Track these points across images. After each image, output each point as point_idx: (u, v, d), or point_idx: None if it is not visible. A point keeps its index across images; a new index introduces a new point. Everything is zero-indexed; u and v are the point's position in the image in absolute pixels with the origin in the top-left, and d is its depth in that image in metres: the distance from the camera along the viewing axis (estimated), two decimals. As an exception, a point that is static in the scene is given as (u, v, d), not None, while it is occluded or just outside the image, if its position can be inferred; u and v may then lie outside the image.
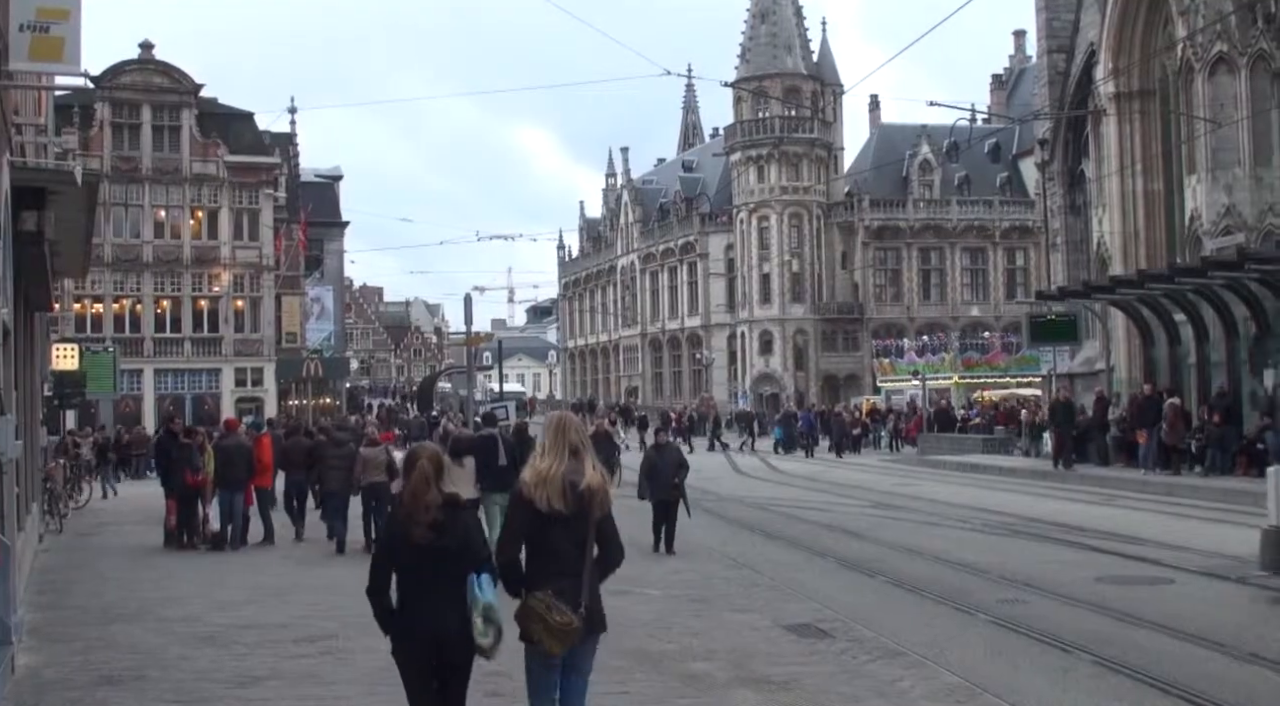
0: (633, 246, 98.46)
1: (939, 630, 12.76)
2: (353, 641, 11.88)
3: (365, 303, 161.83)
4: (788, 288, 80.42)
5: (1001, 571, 16.52)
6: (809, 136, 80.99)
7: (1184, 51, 34.96)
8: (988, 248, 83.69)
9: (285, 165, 58.92)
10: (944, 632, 12.64)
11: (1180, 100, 36.62)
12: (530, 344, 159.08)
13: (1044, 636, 12.24)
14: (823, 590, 13.91)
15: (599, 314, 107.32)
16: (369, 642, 11.89)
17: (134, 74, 51.86)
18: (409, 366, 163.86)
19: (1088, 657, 11.30)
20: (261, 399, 52.71)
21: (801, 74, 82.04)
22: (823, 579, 14.85)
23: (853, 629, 12.38)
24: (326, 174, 69.82)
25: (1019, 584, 15.71)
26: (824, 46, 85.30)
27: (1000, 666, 11.01)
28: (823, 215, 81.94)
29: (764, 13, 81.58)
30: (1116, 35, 39.36)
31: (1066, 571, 16.85)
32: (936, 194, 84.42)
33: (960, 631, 12.79)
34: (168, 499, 21.33)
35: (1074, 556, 18.20)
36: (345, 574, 16.13)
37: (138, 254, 51.61)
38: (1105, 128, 40.36)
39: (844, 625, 12.56)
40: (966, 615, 13.67)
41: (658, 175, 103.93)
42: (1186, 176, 36.22)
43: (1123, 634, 12.48)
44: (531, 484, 6.50)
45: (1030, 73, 70.68)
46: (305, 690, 9.30)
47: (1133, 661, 11.00)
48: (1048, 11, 45.37)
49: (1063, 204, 44.99)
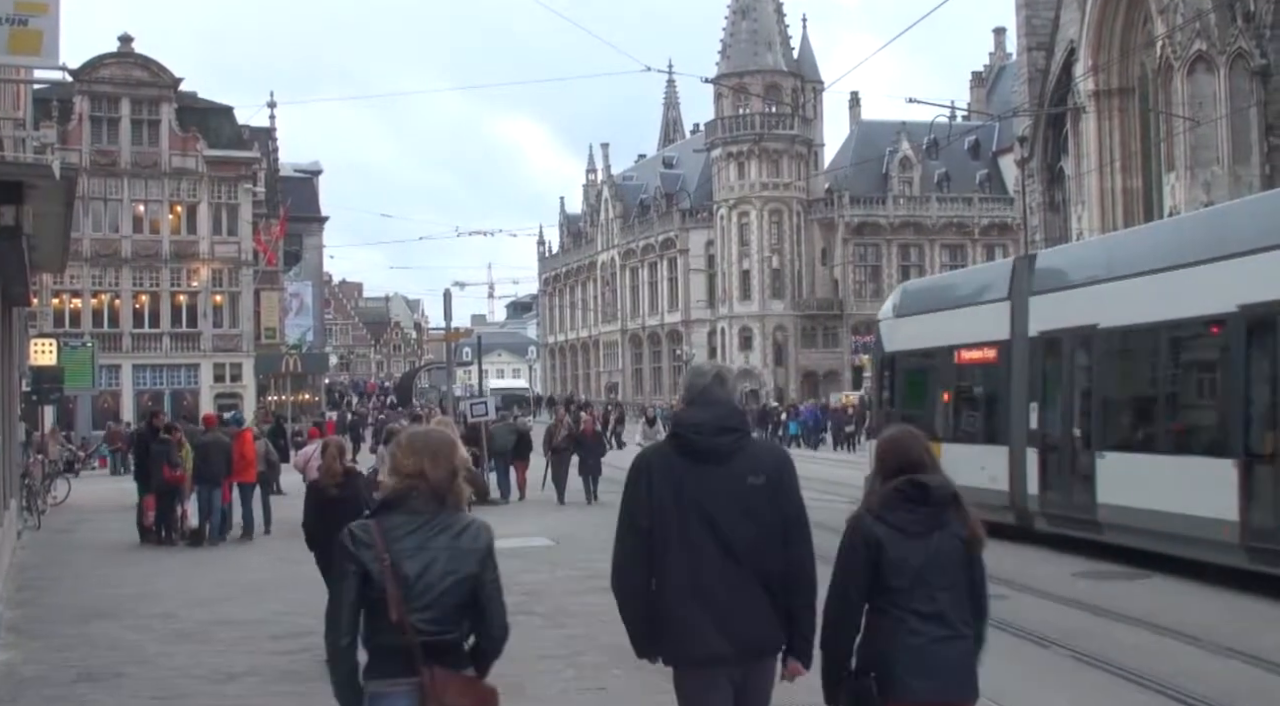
0: (613, 242, 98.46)
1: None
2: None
3: (345, 298, 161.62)
4: (768, 284, 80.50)
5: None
6: (789, 133, 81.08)
7: (1163, 50, 35.13)
8: (967, 244, 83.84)
9: (264, 160, 58.72)
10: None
11: (1159, 98, 36.80)
12: (510, 340, 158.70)
13: (1022, 632, 12.27)
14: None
15: (579, 310, 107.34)
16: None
17: (113, 67, 51.56)
18: (389, 362, 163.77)
19: (1066, 653, 11.36)
20: (240, 394, 52.49)
21: (782, 71, 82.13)
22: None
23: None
24: (306, 168, 69.55)
25: (999, 580, 15.67)
26: (804, 43, 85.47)
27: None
28: (803, 211, 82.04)
29: (745, 9, 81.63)
30: (1096, 33, 39.55)
31: (1046, 567, 16.93)
32: (916, 191, 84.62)
33: (939, 627, 12.81)
34: (145, 495, 21.28)
35: (1053, 552, 18.26)
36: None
37: (116, 249, 51.35)
38: (1084, 125, 40.56)
39: (823, 621, 12.56)
40: (945, 611, 13.68)
41: (638, 171, 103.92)
42: (1165, 174, 36.41)
43: (1101, 629, 12.55)
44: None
45: (1010, 70, 70.92)
46: (283, 687, 9.31)
47: (1110, 656, 11.05)
48: (1028, 9, 45.57)
49: (1042, 201, 45.18)
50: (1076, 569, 16.66)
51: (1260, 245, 14.39)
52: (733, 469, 5.30)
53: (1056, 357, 18.67)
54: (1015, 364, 19.42)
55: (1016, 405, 19.22)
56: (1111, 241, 23.86)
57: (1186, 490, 15.16)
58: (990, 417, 20.45)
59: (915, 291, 26.08)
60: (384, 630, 4.56)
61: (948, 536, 5.24)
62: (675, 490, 5.28)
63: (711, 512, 5.25)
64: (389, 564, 4.55)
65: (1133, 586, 15.43)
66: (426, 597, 4.56)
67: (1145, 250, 17.74)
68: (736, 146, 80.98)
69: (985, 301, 20.76)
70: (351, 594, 4.59)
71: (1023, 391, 19.16)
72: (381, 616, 4.56)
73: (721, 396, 5.49)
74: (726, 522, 5.26)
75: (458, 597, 4.64)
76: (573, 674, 10.32)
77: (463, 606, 4.67)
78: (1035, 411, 18.82)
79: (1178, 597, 14.49)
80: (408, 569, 4.56)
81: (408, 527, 4.63)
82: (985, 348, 20.48)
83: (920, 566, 5.19)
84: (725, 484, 5.28)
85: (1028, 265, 20.08)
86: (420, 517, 4.65)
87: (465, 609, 4.68)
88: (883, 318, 25.27)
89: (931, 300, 23.93)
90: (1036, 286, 19.15)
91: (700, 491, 5.26)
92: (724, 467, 5.30)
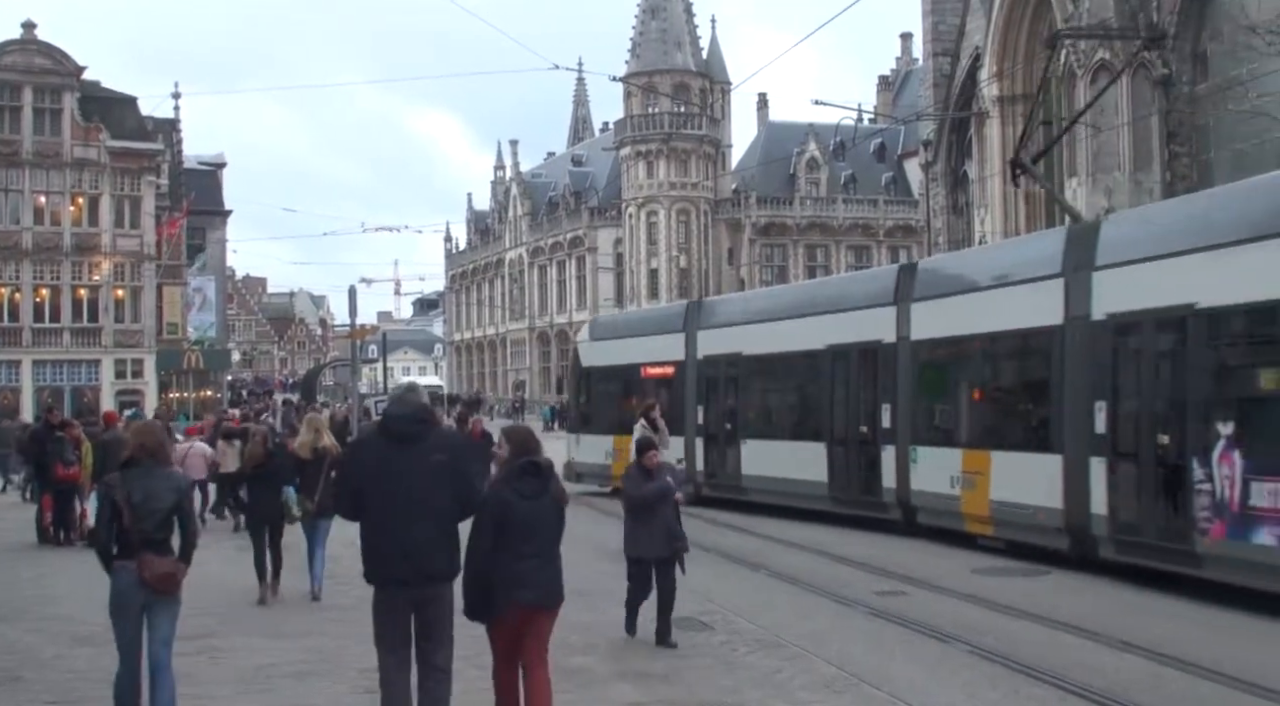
0: (521, 240, 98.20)
1: (818, 622, 12.97)
2: (228, 639, 11.86)
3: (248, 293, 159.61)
4: (675, 283, 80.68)
5: (882, 564, 16.80)
6: (698, 133, 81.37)
7: (1067, 57, 35.67)
8: (872, 246, 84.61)
9: (168, 151, 57.81)
10: (823, 625, 12.84)
11: (1062, 105, 37.39)
12: (416, 337, 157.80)
13: (921, 627, 12.49)
14: (705, 583, 14.00)
15: (486, 307, 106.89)
16: (243, 641, 11.88)
17: (15, 55, 50.48)
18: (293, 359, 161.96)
19: (963, 647, 11.56)
20: (142, 391, 51.66)
21: (691, 71, 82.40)
22: (705, 572, 14.94)
23: (733, 621, 12.53)
24: (210, 161, 68.51)
25: (898, 576, 15.99)
26: (713, 44, 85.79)
27: (878, 657, 11.21)
28: (710, 211, 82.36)
29: (654, 9, 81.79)
30: (1001, 40, 40.10)
31: (944, 563, 17.20)
32: (823, 192, 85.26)
33: (839, 623, 13.01)
34: (42, 494, 20.91)
35: (951, 549, 18.54)
36: (222, 570, 15.96)
37: (16, 241, 50.24)
38: (988, 130, 41.11)
39: (725, 618, 12.70)
40: (846, 607, 13.90)
41: (547, 169, 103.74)
42: (1067, 179, 36.94)
43: (997, 624, 12.78)
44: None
45: (916, 75, 71.74)
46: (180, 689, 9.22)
47: (1006, 651, 11.27)
48: (934, 15, 46.08)
49: (946, 204, 45.74)
50: (976, 565, 16.93)
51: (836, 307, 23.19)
52: (422, 449, 7.56)
53: (713, 374, 26.35)
54: (689, 377, 26.82)
55: (690, 408, 26.57)
56: (750, 296, 40.92)
57: (799, 464, 22.96)
58: (674, 416, 24.96)
59: (606, 323, 36.67)
60: (122, 532, 8.23)
61: (549, 499, 7.93)
62: (381, 461, 7.56)
63: (405, 478, 7.46)
64: (126, 496, 8.22)
65: (1030, 582, 15.71)
66: (145, 514, 8.24)
67: (771, 304, 27.36)
68: (645, 146, 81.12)
69: (667, 332, 28.06)
70: (106, 514, 8.28)
71: (694, 398, 26.63)
72: (120, 525, 8.23)
73: (413, 400, 7.86)
74: (416, 486, 7.46)
75: (165, 515, 8.35)
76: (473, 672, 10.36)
77: (168, 521, 8.39)
78: (701, 412, 26.48)
79: (1074, 593, 14.76)
80: (135, 498, 8.23)
81: (139, 475, 8.35)
82: (666, 366, 27.67)
83: (532, 519, 7.79)
84: (416, 459, 7.51)
85: (696, 307, 28.68)
86: (144, 467, 8.40)
87: (169, 522, 8.40)
88: (580, 341, 32.70)
89: (623, 329, 32.18)
90: (702, 323, 27.06)
91: (399, 463, 7.50)
92: (416, 447, 7.55)
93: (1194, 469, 13.90)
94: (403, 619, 7.50)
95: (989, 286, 18.80)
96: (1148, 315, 15.12)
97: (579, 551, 17.85)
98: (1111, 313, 15.72)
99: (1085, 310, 16.19)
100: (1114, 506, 15.45)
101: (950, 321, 19.62)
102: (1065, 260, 16.91)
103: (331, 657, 10.92)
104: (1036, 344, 17.64)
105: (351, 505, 7.67)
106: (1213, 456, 13.66)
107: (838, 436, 22.34)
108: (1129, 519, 15.24)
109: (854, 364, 22.21)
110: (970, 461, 18.58)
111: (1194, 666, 10.71)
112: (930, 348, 20.15)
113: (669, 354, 27.44)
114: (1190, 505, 13.97)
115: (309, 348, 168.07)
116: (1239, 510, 13.27)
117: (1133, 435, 15.42)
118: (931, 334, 20.03)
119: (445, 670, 7.62)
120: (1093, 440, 15.82)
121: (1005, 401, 18.94)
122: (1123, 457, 15.45)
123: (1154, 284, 14.95)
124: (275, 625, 12.83)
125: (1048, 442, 16.92)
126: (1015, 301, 17.85)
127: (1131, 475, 15.28)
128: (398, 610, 7.49)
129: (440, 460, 7.58)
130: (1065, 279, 16.75)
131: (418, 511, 7.42)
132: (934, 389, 20.34)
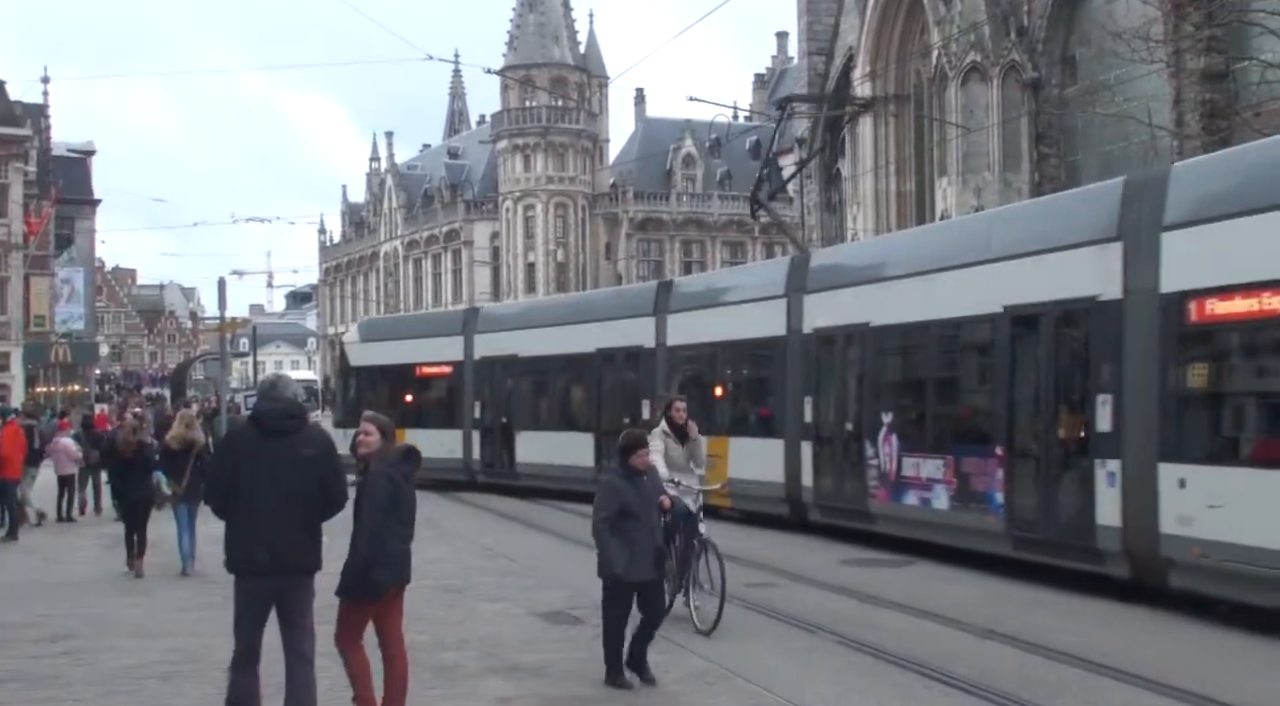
0: (396, 232, 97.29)
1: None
2: (93, 641, 11.69)
3: (118, 285, 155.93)
4: (552, 277, 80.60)
5: (750, 557, 16.97)
6: (575, 127, 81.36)
7: (938, 59, 36.28)
8: (747, 242, 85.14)
9: (36, 138, 56.43)
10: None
11: (934, 105, 38.02)
12: (289, 330, 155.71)
13: (791, 619, 12.66)
14: (576, 578, 14.02)
15: (361, 300, 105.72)
16: (109, 642, 11.68)
17: None
18: (162, 352, 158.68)
19: (831, 638, 11.75)
20: (8, 385, 50.40)
21: (569, 64, 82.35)
22: (577, 567, 14.92)
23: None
24: (79, 148, 66.97)
25: (768, 568, 16.18)
26: (591, 38, 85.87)
27: (749, 649, 11.33)
28: (588, 206, 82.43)
29: (533, 3, 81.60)
30: (874, 40, 40.67)
31: (813, 555, 17.46)
32: (699, 188, 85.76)
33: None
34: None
35: (823, 541, 18.81)
36: (86, 571, 15.71)
37: (-124, 230, 48.81)
38: (861, 129, 41.67)
39: (596, 612, 12.70)
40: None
41: (422, 161, 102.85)
42: (938, 178, 37.60)
43: (865, 614, 13.02)
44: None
45: (791, 74, 72.34)
46: (46, 692, 9.08)
47: (873, 640, 11.47)
48: (809, 15, 46.61)
49: (819, 201, 46.28)
50: (845, 557, 17.22)
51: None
52: (292, 443, 7.74)
53: (490, 374, 29.03)
54: (467, 376, 29.53)
55: (468, 404, 29.39)
56: (525, 305, 49.25)
57: (567, 451, 25.89)
58: (451, 411, 30.10)
59: (376, 324, 41.64)
60: None
61: (414, 483, 8.27)
62: (252, 454, 7.70)
63: (275, 471, 7.61)
64: None
65: (897, 573, 16.02)
66: None
67: (546, 313, 31.74)
68: (523, 139, 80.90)
69: (445, 335, 30.61)
70: None
71: (471, 394, 29.35)
72: None
73: (283, 395, 8.02)
74: (284, 478, 7.62)
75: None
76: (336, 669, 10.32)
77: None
78: (479, 407, 29.15)
79: (940, 583, 15.08)
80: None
81: None
82: (444, 365, 30.26)
83: (410, 501, 8.16)
84: (286, 452, 7.68)
85: (474, 314, 31.90)
86: None
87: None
88: (349, 341, 35.15)
89: (398, 330, 35.60)
90: (479, 328, 29.74)
91: (269, 456, 7.65)
92: (285, 441, 7.73)
93: (867, 448, 18.21)
94: (261, 609, 7.71)
95: (731, 302, 22.88)
96: (840, 330, 19.36)
97: (456, 550, 17.78)
98: (816, 327, 19.90)
99: (799, 325, 20.29)
100: (818, 479, 19.73)
101: (700, 330, 23.38)
102: (788, 284, 20.83)
103: (199, 657, 10.77)
104: (766, 351, 21.55)
105: (221, 504, 7.80)
106: (879, 438, 17.90)
107: (604, 428, 24.83)
108: (827, 489, 19.50)
109: (619, 365, 25.68)
110: (712, 446, 19.32)
111: (1058, 653, 10.97)
112: (683, 352, 24.06)
113: (447, 355, 30.11)
114: (864, 476, 18.19)
115: (179, 341, 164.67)
116: (895, 479, 17.42)
117: (829, 423, 19.72)
118: (685, 340, 23.93)
119: (310, 658, 7.84)
120: (804, 427, 20.06)
121: (741, 397, 23.03)
122: (823, 441, 19.75)
123: (844, 306, 19.17)
124: (142, 625, 12.61)
125: (773, 430, 20.89)
126: (751, 316, 21.71)
127: (828, 454, 19.59)
128: (258, 599, 7.68)
129: (309, 455, 7.77)
130: (788, 299, 20.65)
131: (285, 504, 7.60)
132: (685, 387, 22.72)
